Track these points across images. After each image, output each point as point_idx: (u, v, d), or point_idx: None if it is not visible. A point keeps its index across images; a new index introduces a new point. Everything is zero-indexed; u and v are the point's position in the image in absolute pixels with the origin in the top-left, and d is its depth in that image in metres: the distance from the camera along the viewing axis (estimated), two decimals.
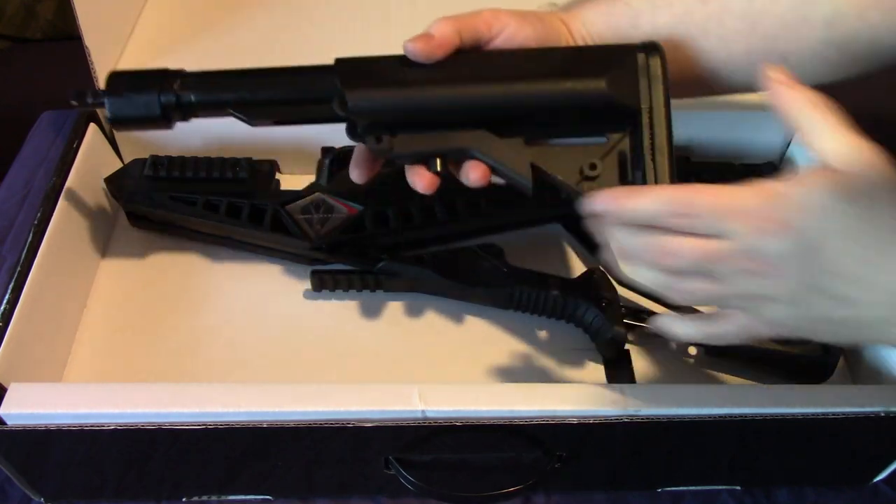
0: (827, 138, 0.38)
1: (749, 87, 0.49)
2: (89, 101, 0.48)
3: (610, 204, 0.42)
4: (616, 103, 0.46)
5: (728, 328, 0.42)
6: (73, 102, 0.48)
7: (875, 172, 0.37)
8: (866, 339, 0.39)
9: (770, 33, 0.47)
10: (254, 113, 0.48)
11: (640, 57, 0.47)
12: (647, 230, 0.41)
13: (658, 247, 0.41)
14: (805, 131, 0.39)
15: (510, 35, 0.48)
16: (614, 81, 0.46)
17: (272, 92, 0.48)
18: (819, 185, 0.37)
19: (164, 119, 0.48)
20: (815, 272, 0.38)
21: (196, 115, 0.49)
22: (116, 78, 0.48)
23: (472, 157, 0.47)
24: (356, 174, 0.51)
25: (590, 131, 0.48)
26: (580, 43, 0.50)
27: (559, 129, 0.48)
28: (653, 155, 0.46)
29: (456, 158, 0.48)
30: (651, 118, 0.46)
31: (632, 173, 0.46)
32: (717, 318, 0.43)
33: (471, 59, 0.47)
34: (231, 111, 0.48)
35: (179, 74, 0.48)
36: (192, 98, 0.47)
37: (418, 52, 0.45)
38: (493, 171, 0.47)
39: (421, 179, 0.47)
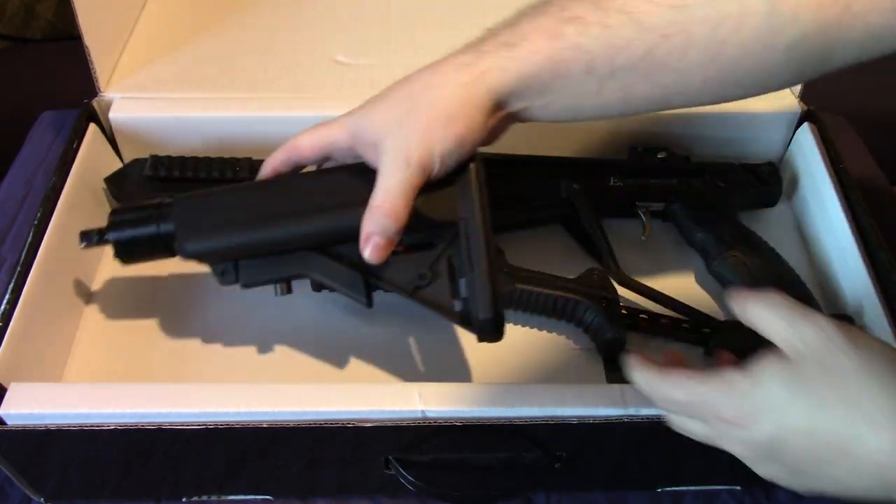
0: (774, 325, 0.40)
1: (695, 105, 0.50)
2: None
3: (643, 387, 0.44)
4: (431, 220, 0.48)
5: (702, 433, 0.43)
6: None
7: (818, 358, 0.38)
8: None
9: (729, 62, 0.45)
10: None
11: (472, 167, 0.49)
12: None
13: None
14: (756, 320, 0.41)
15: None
16: (429, 201, 0.48)
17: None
18: (774, 384, 0.38)
19: None
20: (784, 460, 0.39)
21: None
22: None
23: (310, 279, 0.51)
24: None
25: (415, 244, 0.50)
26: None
27: None
28: (470, 265, 0.47)
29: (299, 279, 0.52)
30: (467, 228, 0.48)
31: (458, 280, 0.49)
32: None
33: (290, 188, 0.52)
34: None
35: None
36: None
37: None
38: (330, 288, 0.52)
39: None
